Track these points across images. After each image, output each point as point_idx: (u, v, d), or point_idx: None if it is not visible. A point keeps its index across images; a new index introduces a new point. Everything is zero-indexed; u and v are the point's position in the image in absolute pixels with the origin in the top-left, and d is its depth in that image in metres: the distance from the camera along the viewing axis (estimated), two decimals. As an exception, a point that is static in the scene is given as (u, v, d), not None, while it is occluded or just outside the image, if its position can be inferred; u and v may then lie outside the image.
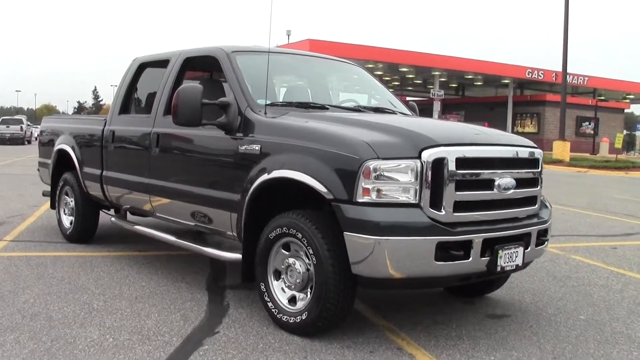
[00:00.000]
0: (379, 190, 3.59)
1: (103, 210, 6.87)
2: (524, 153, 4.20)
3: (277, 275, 4.17)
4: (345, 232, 3.62)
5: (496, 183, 3.92)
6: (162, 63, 5.79)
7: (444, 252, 3.63)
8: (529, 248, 4.12)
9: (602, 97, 51.14)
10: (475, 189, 3.84)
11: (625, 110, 58.90)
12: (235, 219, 4.41)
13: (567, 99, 32.64)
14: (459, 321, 4.42)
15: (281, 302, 4.09)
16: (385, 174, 3.59)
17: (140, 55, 6.23)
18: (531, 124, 48.24)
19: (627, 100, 56.62)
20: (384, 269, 3.58)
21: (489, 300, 5.02)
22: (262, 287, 4.19)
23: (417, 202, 3.62)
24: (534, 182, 4.26)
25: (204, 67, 6.15)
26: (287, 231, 3.96)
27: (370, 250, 3.55)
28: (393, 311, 4.60)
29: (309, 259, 3.89)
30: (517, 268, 4.03)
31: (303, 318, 3.88)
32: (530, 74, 44.38)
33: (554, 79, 43.77)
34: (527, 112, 48.66)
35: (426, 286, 4.07)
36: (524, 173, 4.16)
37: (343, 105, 4.99)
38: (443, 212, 3.68)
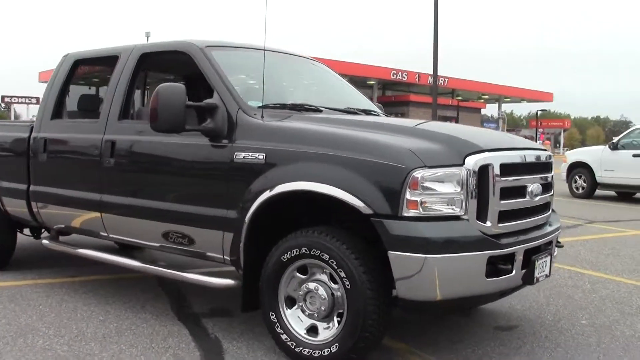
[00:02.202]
0: (425, 203, 3.20)
1: (20, 231, 5.87)
2: (543, 157, 4.00)
3: (291, 302, 3.63)
4: (390, 252, 3.18)
5: (528, 189, 3.69)
6: (106, 60, 4.99)
7: (492, 267, 3.32)
8: (553, 256, 3.94)
9: (460, 97, 54.24)
10: (514, 197, 3.57)
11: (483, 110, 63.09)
12: (230, 239, 3.80)
13: (429, 99, 34.18)
14: (474, 336, 4.14)
15: (298, 333, 3.56)
16: (432, 184, 3.21)
17: (71, 52, 5.32)
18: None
19: (482, 100, 60.58)
20: (431, 290, 3.19)
21: (483, 311, 4.81)
22: (272, 316, 3.63)
23: (463, 214, 3.28)
24: (550, 187, 4.08)
25: (166, 64, 5.38)
26: (308, 252, 3.45)
27: (418, 270, 3.15)
28: (402, 331, 4.23)
29: (336, 283, 3.41)
30: (545, 277, 3.83)
31: (333, 350, 3.39)
32: (395, 75, 45.96)
33: (417, 80, 45.78)
34: (392, 113, 50.27)
35: (466, 306, 3.76)
36: (545, 178, 3.97)
37: (334, 107, 4.51)
38: (489, 224, 3.37)
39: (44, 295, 4.99)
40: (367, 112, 4.67)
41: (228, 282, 4.00)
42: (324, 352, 3.43)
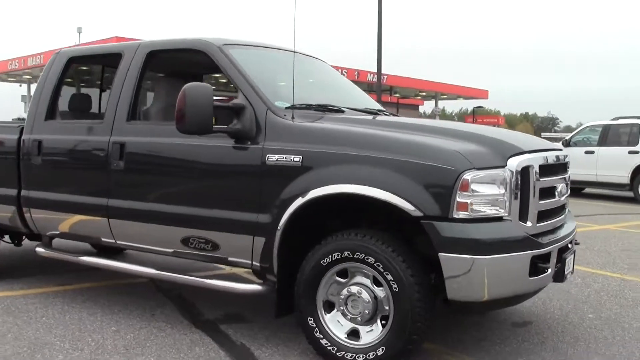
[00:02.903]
0: (473, 204, 3.22)
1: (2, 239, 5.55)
2: (562, 157, 4.11)
3: (329, 306, 3.59)
4: (440, 253, 3.19)
5: (557, 189, 3.79)
6: (106, 58, 4.76)
7: (534, 266, 3.38)
8: (575, 253, 4.06)
9: (398, 94, 55.05)
10: (548, 197, 3.65)
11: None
12: (262, 245, 3.71)
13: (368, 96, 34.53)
14: (495, 333, 4.22)
15: (338, 338, 3.52)
16: (479, 186, 3.23)
17: (64, 48, 5.05)
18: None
19: (420, 97, 61.77)
20: (480, 291, 3.22)
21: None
22: (311, 321, 3.57)
23: (507, 214, 3.32)
24: (568, 186, 4.20)
25: (177, 62, 5.17)
26: (351, 255, 3.41)
27: (468, 271, 3.17)
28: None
29: (380, 286, 3.39)
30: (570, 274, 3.94)
31: (379, 354, 3.37)
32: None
33: (356, 77, 46.15)
34: None
35: (505, 305, 3.80)
36: (565, 178, 4.07)
37: (353, 107, 4.46)
38: (529, 224, 3.43)
39: (41, 306, 4.73)
40: (380, 112, 4.66)
41: (254, 287, 3.92)
42: (368, 356, 3.40)
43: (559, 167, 3.95)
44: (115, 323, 4.34)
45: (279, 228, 3.60)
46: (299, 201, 3.52)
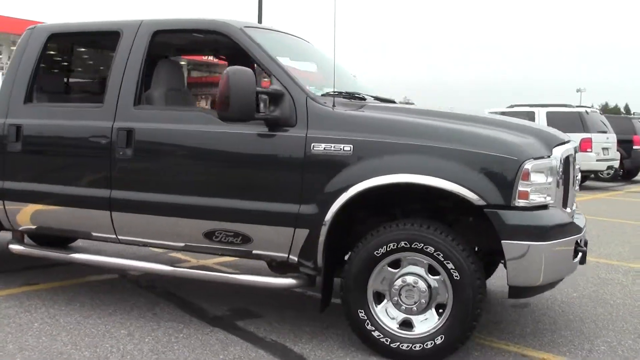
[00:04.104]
0: (531, 193, 3.32)
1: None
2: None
3: (378, 297, 3.54)
4: (504, 241, 3.25)
5: (577, 177, 4.01)
6: (96, 37, 4.32)
7: (575, 250, 3.56)
8: None
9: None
10: (575, 184, 3.85)
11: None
12: (304, 237, 3.58)
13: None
14: (504, 315, 4.40)
15: (391, 329, 3.49)
16: (536, 175, 3.34)
17: (39, 24, 4.50)
18: (206, 104, 49.35)
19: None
20: (537, 275, 3.34)
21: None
22: (361, 314, 3.51)
23: (553, 202, 3.46)
24: None
25: (187, 43, 4.76)
26: (408, 245, 3.38)
27: (529, 257, 3.28)
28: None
29: (435, 275, 3.40)
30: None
31: (437, 342, 3.38)
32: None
33: None
34: (201, 94, 49.42)
35: (546, 290, 3.91)
36: None
37: (373, 95, 4.39)
38: (569, 210, 3.61)
39: (22, 309, 4.24)
40: (390, 100, 4.64)
41: (289, 281, 3.79)
42: (426, 345, 3.40)
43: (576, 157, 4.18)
44: (120, 325, 4.00)
45: (326, 219, 3.49)
46: (352, 191, 3.43)
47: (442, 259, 3.34)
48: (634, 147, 15.90)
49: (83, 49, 5.25)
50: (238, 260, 5.67)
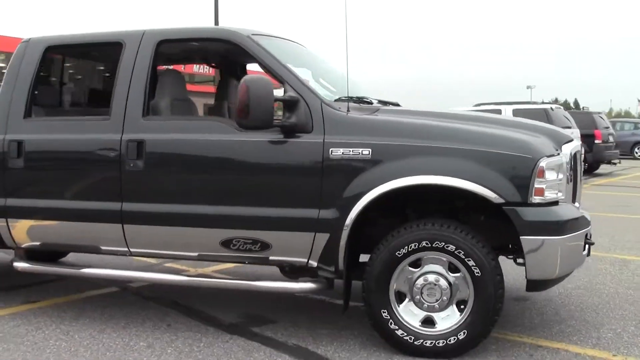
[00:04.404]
0: (545, 190, 3.45)
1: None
2: None
3: (399, 297, 3.62)
4: (522, 237, 3.38)
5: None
6: (95, 48, 4.28)
7: (584, 244, 3.72)
8: None
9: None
10: (580, 180, 4.01)
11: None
12: (325, 241, 3.64)
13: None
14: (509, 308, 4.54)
15: (414, 327, 3.57)
16: (549, 172, 3.48)
17: (34, 36, 4.43)
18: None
19: None
20: (553, 269, 3.48)
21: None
22: (384, 314, 3.58)
23: (564, 197, 3.61)
24: None
25: (192, 53, 4.73)
26: (429, 245, 3.48)
27: (546, 251, 3.41)
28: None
29: (456, 273, 3.51)
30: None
31: (460, 337, 3.48)
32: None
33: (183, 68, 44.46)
34: None
35: (557, 283, 4.03)
36: None
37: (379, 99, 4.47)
38: (577, 205, 3.76)
39: (32, 327, 4.17)
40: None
41: (309, 285, 3.83)
42: (449, 341, 3.50)
43: None
44: (137, 338, 3.98)
45: (347, 222, 3.56)
46: (373, 194, 3.50)
47: (463, 257, 3.44)
48: (596, 142, 16.49)
49: (80, 61, 5.17)
50: (237, 267, 5.70)
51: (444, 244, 3.46)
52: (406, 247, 3.52)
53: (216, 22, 28.72)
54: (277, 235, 3.74)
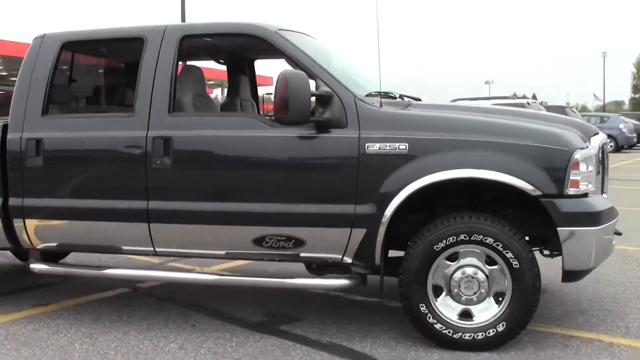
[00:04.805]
0: (579, 181, 3.50)
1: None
2: None
3: (436, 291, 3.63)
4: (559, 228, 3.42)
5: None
6: (114, 44, 4.18)
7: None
8: None
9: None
10: (606, 172, 4.08)
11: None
12: (361, 236, 3.62)
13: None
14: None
15: (452, 320, 3.59)
16: (582, 164, 3.52)
17: (49, 32, 4.29)
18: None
19: (207, 86, 61.35)
20: (589, 260, 3.54)
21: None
22: (423, 308, 3.58)
23: (594, 189, 3.66)
24: None
25: (216, 48, 4.62)
26: (468, 238, 3.49)
27: (583, 242, 3.47)
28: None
29: (493, 265, 3.53)
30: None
31: (500, 329, 3.51)
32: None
33: None
34: None
35: (587, 274, 4.07)
36: None
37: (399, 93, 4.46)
38: (605, 196, 3.83)
39: (52, 331, 4.06)
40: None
41: (344, 282, 3.82)
42: (488, 333, 3.52)
43: None
44: (166, 339, 3.89)
45: (384, 217, 3.55)
46: (411, 188, 3.50)
47: (502, 249, 3.47)
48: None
49: (97, 57, 5.04)
50: (244, 265, 5.63)
51: (482, 236, 3.48)
52: (444, 240, 3.52)
53: (183, 18, 28.31)
54: (312, 232, 3.71)
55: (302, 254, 3.82)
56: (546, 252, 4.03)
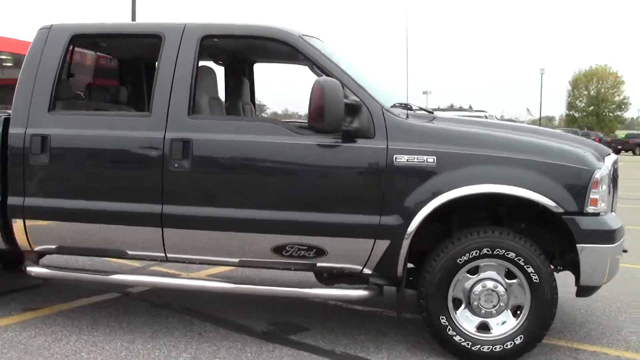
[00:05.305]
0: (598, 200, 3.62)
1: None
2: None
3: (454, 303, 3.67)
4: (578, 244, 3.52)
5: None
6: (128, 40, 4.02)
7: None
8: None
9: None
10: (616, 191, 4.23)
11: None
12: (385, 247, 3.62)
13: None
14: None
15: (471, 333, 3.63)
16: (601, 183, 3.65)
17: (56, 23, 4.08)
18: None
19: None
20: (603, 276, 3.65)
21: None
22: (443, 320, 3.61)
23: (607, 207, 3.79)
24: None
25: (235, 49, 4.47)
26: (490, 252, 3.54)
27: (599, 259, 3.58)
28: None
29: (512, 279, 3.60)
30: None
31: (517, 342, 3.57)
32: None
33: None
34: None
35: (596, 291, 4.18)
36: None
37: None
38: (614, 214, 3.97)
39: (51, 339, 3.87)
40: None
41: (362, 293, 3.81)
42: (506, 346, 3.58)
43: None
44: (175, 348, 3.78)
45: (410, 230, 3.56)
46: (437, 201, 3.53)
47: (523, 264, 3.54)
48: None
49: (107, 52, 4.82)
50: (232, 271, 5.52)
51: (504, 251, 3.54)
52: (467, 254, 3.56)
53: (133, 17, 27.63)
54: (335, 242, 3.67)
55: (318, 264, 3.78)
56: (551, 267, 4.14)
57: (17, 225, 3.93)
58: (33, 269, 4.05)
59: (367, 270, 3.73)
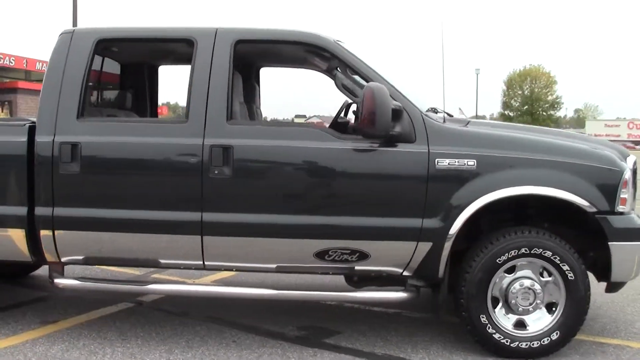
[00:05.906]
0: (627, 199, 3.80)
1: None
2: None
3: (494, 302, 3.78)
4: (611, 242, 3.69)
5: None
6: (158, 45, 3.95)
7: None
8: None
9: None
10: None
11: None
12: (427, 250, 3.69)
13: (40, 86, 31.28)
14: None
15: (509, 330, 3.75)
16: (629, 183, 3.83)
17: (81, 27, 3.95)
18: (2, 111, 44.54)
19: None
20: (631, 272, 3.83)
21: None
22: (483, 319, 3.71)
23: (630, 207, 3.99)
24: None
25: (267, 55, 4.39)
26: (528, 251, 3.67)
27: (630, 256, 3.76)
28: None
29: (548, 276, 3.74)
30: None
31: (554, 338, 3.72)
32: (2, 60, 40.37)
33: (25, 65, 40.62)
34: None
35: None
36: None
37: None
38: (634, 215, 4.17)
39: (85, 352, 3.77)
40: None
41: (402, 295, 3.87)
42: (543, 342, 3.72)
43: None
44: (216, 357, 3.74)
45: (451, 232, 3.65)
46: (478, 203, 3.62)
47: (559, 262, 3.68)
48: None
49: (135, 57, 4.67)
50: (235, 276, 5.50)
51: (541, 250, 3.68)
52: (507, 254, 3.68)
53: (74, 22, 26.70)
54: (378, 245, 3.72)
55: (357, 267, 3.82)
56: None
57: (46, 235, 3.80)
58: (62, 281, 3.92)
59: (407, 273, 3.79)
